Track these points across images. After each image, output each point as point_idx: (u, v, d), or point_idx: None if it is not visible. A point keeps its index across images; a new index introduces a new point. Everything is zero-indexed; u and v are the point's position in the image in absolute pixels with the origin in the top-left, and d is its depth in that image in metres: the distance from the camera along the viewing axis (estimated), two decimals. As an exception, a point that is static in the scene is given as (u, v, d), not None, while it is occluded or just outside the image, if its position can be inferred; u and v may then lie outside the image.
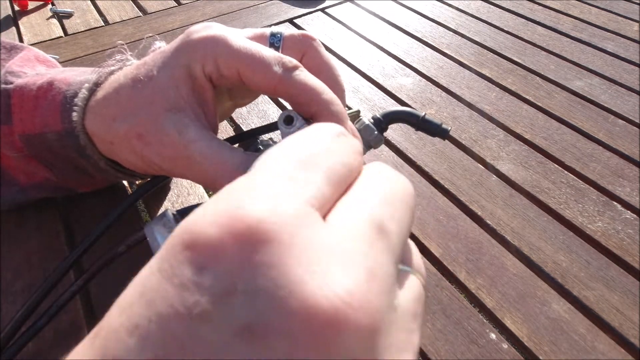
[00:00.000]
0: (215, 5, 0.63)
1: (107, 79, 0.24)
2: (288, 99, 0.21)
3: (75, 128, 0.23)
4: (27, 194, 0.28)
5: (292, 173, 0.11)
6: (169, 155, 0.21)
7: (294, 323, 0.08)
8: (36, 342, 0.24)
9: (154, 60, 0.22)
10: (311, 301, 0.08)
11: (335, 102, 0.20)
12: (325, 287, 0.09)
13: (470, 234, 0.32)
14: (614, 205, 0.35)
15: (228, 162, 0.20)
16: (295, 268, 0.09)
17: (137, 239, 0.22)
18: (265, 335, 0.08)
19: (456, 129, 0.42)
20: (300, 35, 0.24)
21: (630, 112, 0.45)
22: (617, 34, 0.59)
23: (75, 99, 0.23)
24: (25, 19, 0.58)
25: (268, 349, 0.08)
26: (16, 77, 0.25)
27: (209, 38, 0.21)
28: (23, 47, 0.29)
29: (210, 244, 0.09)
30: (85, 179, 0.28)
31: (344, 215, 0.11)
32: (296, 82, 0.20)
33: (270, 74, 0.20)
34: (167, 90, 0.21)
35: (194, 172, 0.21)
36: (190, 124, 0.21)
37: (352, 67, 0.51)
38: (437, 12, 0.63)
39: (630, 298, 0.29)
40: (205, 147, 0.21)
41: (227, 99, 0.28)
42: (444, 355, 0.25)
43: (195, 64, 0.21)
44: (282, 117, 0.20)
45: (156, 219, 0.20)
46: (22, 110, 0.24)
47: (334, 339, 0.08)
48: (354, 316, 0.09)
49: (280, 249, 0.09)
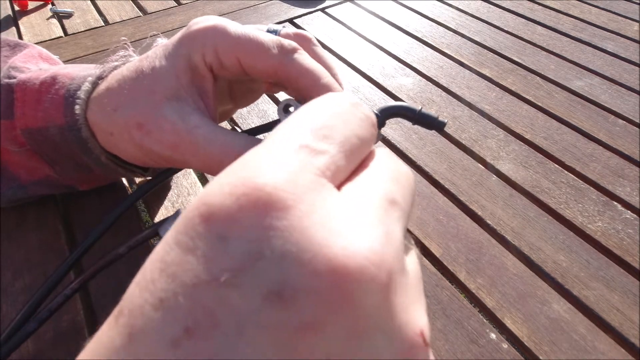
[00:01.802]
0: (215, 5, 0.63)
1: (111, 73, 0.24)
2: (288, 82, 0.21)
3: (77, 121, 0.23)
4: (27, 190, 0.28)
5: (308, 142, 0.11)
6: (171, 142, 0.21)
7: (321, 283, 0.08)
8: (36, 342, 0.24)
9: (156, 52, 0.23)
10: (337, 261, 0.09)
11: (334, 86, 0.21)
12: (349, 247, 0.09)
13: (470, 234, 0.32)
14: (614, 205, 0.35)
15: (232, 144, 0.21)
16: (317, 231, 0.09)
17: (138, 240, 0.22)
18: (293, 297, 0.08)
19: (456, 129, 0.42)
20: (296, 34, 0.25)
21: (631, 112, 0.45)
22: (618, 34, 0.59)
23: (78, 92, 0.23)
24: (25, 19, 0.58)
25: (297, 310, 0.08)
26: (19, 72, 0.25)
27: (208, 28, 0.21)
28: (27, 45, 0.29)
29: (229, 213, 0.09)
30: (85, 175, 0.28)
31: (359, 187, 0.11)
32: (295, 64, 0.20)
33: (270, 58, 0.20)
34: (168, 80, 0.21)
35: (199, 157, 0.21)
36: (192, 112, 0.21)
37: (352, 67, 0.51)
38: (437, 12, 0.63)
39: (630, 298, 0.29)
40: (208, 131, 0.21)
41: (228, 101, 0.28)
42: (444, 355, 0.25)
43: (196, 54, 0.21)
44: (282, 106, 0.21)
45: (170, 219, 0.20)
46: (25, 105, 0.24)
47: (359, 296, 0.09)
48: (377, 273, 0.09)
49: (301, 214, 0.09)
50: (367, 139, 0.13)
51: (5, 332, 0.21)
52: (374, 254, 0.09)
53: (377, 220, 0.10)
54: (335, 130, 0.12)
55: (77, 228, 0.31)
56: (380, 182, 0.12)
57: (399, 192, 0.12)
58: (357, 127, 0.13)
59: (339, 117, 0.12)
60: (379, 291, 0.09)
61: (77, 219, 0.31)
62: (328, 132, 0.12)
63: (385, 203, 0.11)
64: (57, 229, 0.31)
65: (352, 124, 0.13)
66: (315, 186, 0.10)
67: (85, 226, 0.31)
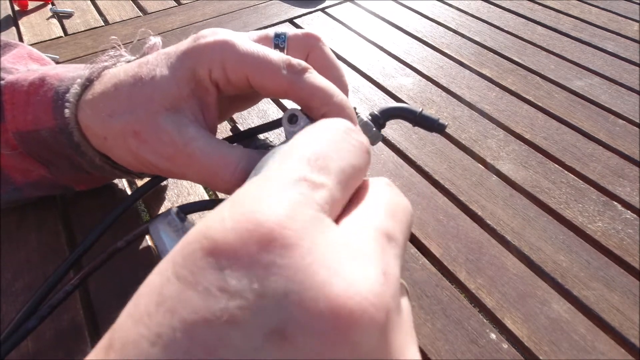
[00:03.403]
0: (215, 5, 0.63)
1: (100, 74, 0.23)
2: (299, 102, 0.21)
3: (68, 124, 0.23)
4: (23, 192, 0.28)
5: (306, 174, 0.11)
6: (167, 153, 0.21)
7: (322, 323, 0.09)
8: (36, 342, 0.24)
9: (157, 60, 0.22)
10: (338, 302, 0.09)
11: (347, 106, 0.20)
12: (350, 289, 0.09)
13: (470, 234, 0.32)
14: (614, 205, 0.35)
15: (228, 157, 0.20)
16: (318, 270, 0.09)
17: (136, 234, 0.22)
18: (295, 336, 0.09)
19: (456, 129, 0.42)
20: (304, 34, 0.24)
21: (631, 112, 0.45)
22: (618, 33, 0.59)
23: (67, 94, 0.23)
24: (25, 19, 0.58)
25: (298, 349, 0.08)
26: (7, 74, 0.25)
27: (216, 43, 0.21)
28: (16, 45, 0.29)
29: (232, 249, 0.09)
30: (81, 176, 0.27)
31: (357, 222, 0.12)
32: (307, 85, 0.20)
33: (280, 78, 0.20)
34: (168, 90, 0.21)
35: (194, 169, 0.21)
36: (189, 124, 0.21)
37: (352, 67, 0.51)
38: (437, 12, 0.63)
39: (630, 298, 0.29)
40: (205, 144, 0.21)
41: (228, 108, 0.28)
42: (444, 355, 0.25)
43: (201, 68, 0.21)
44: (287, 116, 0.20)
45: (160, 217, 0.20)
46: (14, 107, 0.24)
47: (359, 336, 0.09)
48: (376, 314, 0.09)
49: (302, 252, 0.09)
50: (361, 167, 0.13)
51: (5, 332, 0.21)
52: (373, 295, 0.09)
53: (376, 259, 0.10)
54: (331, 160, 0.12)
55: (77, 229, 0.31)
56: (378, 217, 0.12)
57: (396, 228, 0.12)
58: (351, 156, 0.13)
59: (334, 145, 0.13)
60: (378, 331, 0.09)
61: (77, 220, 0.31)
62: (324, 163, 0.12)
63: (383, 240, 0.11)
64: (57, 229, 0.31)
65: (346, 153, 0.13)
66: (315, 222, 0.10)
67: (85, 227, 0.31)
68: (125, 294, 0.27)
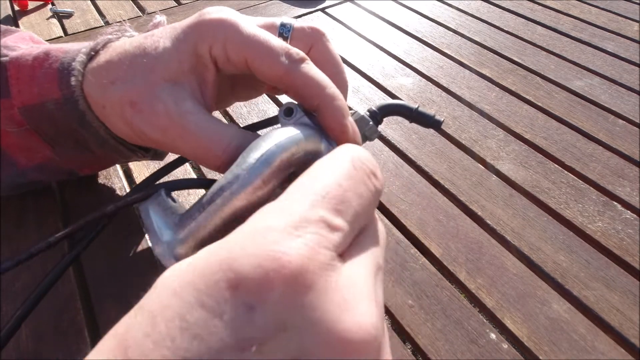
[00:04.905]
0: (215, 5, 0.63)
1: (105, 46, 0.24)
2: (292, 90, 0.21)
3: (74, 92, 0.23)
4: (26, 176, 0.28)
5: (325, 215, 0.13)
6: (162, 125, 0.21)
7: (334, 352, 0.10)
8: (36, 342, 0.24)
9: (162, 33, 0.22)
10: (348, 335, 0.11)
11: (338, 97, 0.21)
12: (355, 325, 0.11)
13: (470, 234, 0.32)
14: (614, 205, 0.35)
15: (222, 133, 0.21)
16: (331, 308, 0.11)
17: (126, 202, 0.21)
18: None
19: (456, 129, 0.42)
20: (310, 28, 0.25)
21: (630, 112, 0.45)
22: (618, 34, 0.59)
23: (73, 63, 0.23)
24: (25, 19, 0.58)
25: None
26: (11, 51, 0.25)
27: (221, 21, 0.21)
28: (18, 30, 0.29)
29: (258, 286, 0.10)
30: (86, 157, 0.27)
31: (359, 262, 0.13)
32: (302, 74, 0.20)
33: (277, 65, 0.20)
34: (169, 61, 0.21)
35: (187, 143, 0.21)
36: (187, 98, 0.21)
37: (352, 67, 0.51)
38: (437, 12, 0.63)
39: (630, 298, 0.29)
40: (200, 119, 0.21)
41: (228, 92, 0.28)
42: (444, 355, 0.25)
43: (203, 44, 0.21)
44: (283, 109, 0.21)
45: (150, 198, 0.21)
46: (20, 82, 0.24)
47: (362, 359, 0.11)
48: (374, 342, 0.11)
49: (319, 292, 0.11)
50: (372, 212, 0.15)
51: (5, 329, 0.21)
52: (374, 328, 0.11)
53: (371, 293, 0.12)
54: (349, 206, 0.14)
55: (77, 228, 0.31)
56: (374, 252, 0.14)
57: (382, 256, 0.15)
58: (367, 203, 0.14)
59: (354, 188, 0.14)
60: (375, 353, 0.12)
61: (77, 219, 0.31)
62: (343, 207, 0.13)
63: (376, 270, 0.14)
64: (57, 228, 0.31)
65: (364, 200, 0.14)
66: (330, 266, 0.12)
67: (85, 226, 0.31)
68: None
